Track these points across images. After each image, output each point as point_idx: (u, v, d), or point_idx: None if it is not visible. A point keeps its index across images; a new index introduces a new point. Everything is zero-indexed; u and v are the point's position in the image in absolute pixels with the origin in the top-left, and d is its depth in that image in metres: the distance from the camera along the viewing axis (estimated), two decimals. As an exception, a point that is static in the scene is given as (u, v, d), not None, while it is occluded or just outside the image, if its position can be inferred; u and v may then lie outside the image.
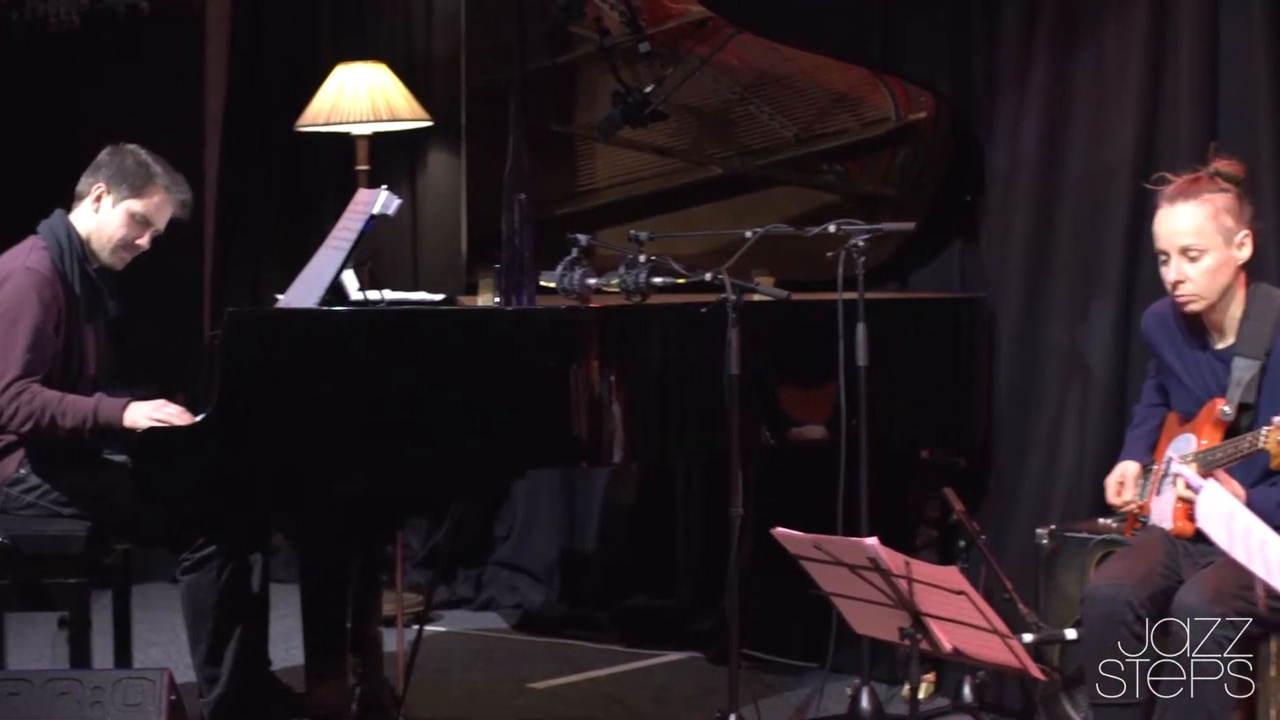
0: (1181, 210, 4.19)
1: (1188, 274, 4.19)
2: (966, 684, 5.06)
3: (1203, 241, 4.17)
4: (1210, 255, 4.17)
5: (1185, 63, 5.10)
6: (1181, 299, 4.22)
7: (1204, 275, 4.18)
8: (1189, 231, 4.17)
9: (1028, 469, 5.46)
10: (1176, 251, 4.20)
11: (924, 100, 5.54)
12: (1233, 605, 3.90)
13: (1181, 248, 4.18)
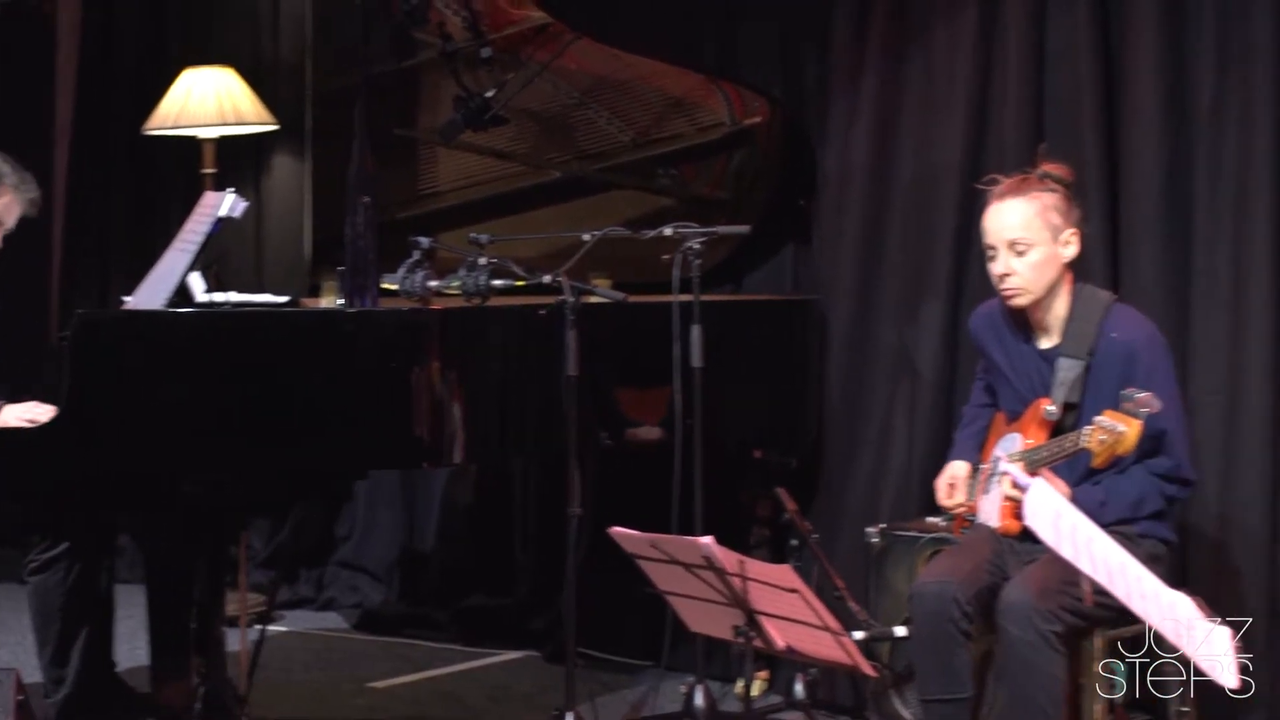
0: (1010, 206, 4.17)
1: (1014, 268, 4.16)
2: (799, 681, 5.01)
3: (1030, 236, 4.14)
4: (1037, 250, 4.15)
5: (1013, 67, 5.11)
6: (1008, 293, 4.19)
7: (1030, 269, 4.15)
8: (1017, 226, 4.15)
9: (858, 469, 5.44)
10: (1004, 246, 4.17)
11: (758, 105, 5.50)
12: (1058, 601, 3.87)
13: (1009, 241, 4.16)
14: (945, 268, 5.24)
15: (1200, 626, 2.81)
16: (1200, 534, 4.85)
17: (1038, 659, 3.85)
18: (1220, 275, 4.84)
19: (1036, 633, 3.84)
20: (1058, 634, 3.86)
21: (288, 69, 6.75)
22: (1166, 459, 4.11)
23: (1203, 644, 2.77)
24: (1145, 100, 4.91)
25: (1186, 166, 4.90)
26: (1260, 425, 4.79)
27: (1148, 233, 4.93)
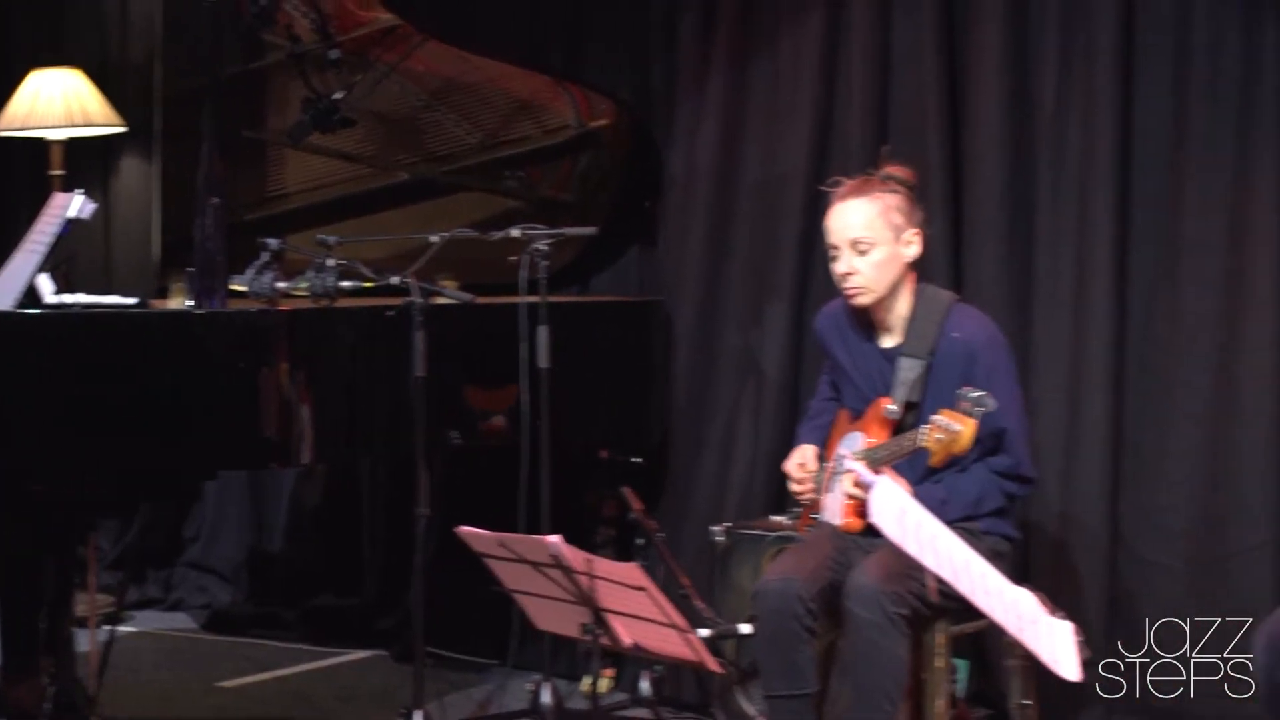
0: (853, 206, 4.13)
1: (857, 267, 4.12)
2: (645, 679, 4.93)
3: (872, 235, 4.10)
4: (879, 249, 4.11)
5: (857, 70, 5.10)
6: (850, 292, 4.15)
7: (872, 269, 4.11)
8: (859, 225, 4.11)
9: (703, 468, 5.40)
10: (847, 245, 4.13)
11: (605, 107, 5.42)
12: (904, 585, 3.85)
13: (851, 241, 4.12)
14: (790, 269, 5.22)
15: (1043, 621, 2.77)
16: (1041, 531, 4.86)
17: (884, 641, 3.82)
18: (1062, 276, 4.86)
19: (884, 614, 3.82)
20: (904, 617, 3.84)
21: (136, 70, 6.59)
22: (1007, 457, 4.09)
23: (1045, 639, 2.73)
24: (988, 102, 4.92)
25: (1029, 168, 4.91)
26: (1099, 425, 4.81)
27: (990, 233, 4.94)
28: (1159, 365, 4.79)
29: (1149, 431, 4.81)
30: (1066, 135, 4.83)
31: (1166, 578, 4.77)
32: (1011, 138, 4.91)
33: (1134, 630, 4.80)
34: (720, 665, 3.85)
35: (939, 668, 3.99)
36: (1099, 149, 4.77)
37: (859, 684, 3.88)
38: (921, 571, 3.82)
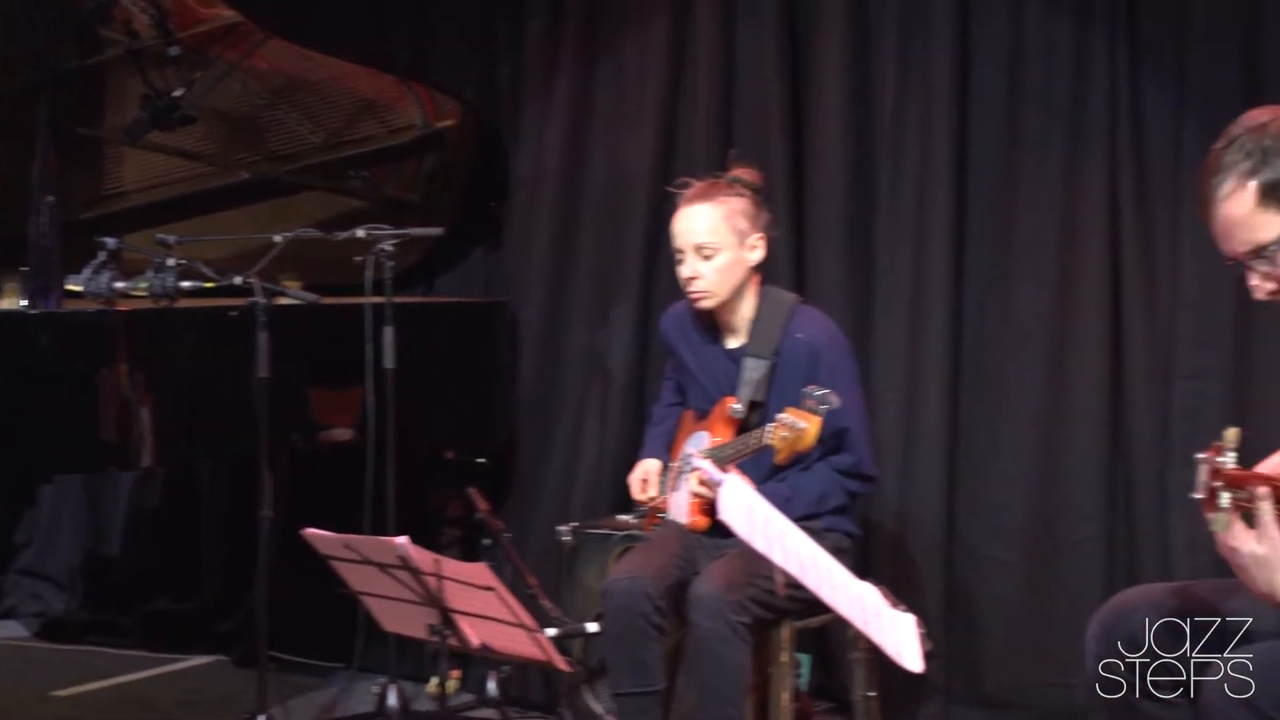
0: (698, 210, 4.18)
1: (701, 271, 4.17)
2: (492, 679, 4.95)
3: (716, 241, 4.16)
4: (723, 254, 4.17)
5: (703, 73, 5.18)
6: (694, 295, 4.21)
7: (716, 273, 4.17)
8: (703, 230, 4.16)
9: (550, 468, 5.44)
10: (691, 249, 4.18)
11: (450, 107, 5.43)
12: (745, 593, 3.90)
13: (696, 245, 4.17)
14: (636, 270, 5.28)
15: (886, 615, 2.85)
16: (881, 528, 4.96)
17: (726, 650, 3.86)
18: (900, 276, 4.97)
19: (725, 624, 3.85)
20: (745, 625, 3.88)
21: (-34, 66, 6.48)
22: (848, 456, 4.17)
23: (889, 632, 2.81)
24: (830, 107, 5.02)
25: (869, 170, 5.02)
26: (937, 425, 4.93)
27: (831, 236, 5.04)
28: (994, 364, 4.93)
29: (984, 430, 4.94)
30: (905, 138, 4.94)
31: (1001, 572, 4.90)
32: (852, 141, 5.01)
33: (973, 624, 4.94)
34: (568, 664, 3.88)
35: (783, 663, 4.06)
36: (936, 151, 4.89)
37: (703, 689, 3.92)
38: (764, 577, 3.91)
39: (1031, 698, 4.85)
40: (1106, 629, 3.07)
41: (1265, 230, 2.87)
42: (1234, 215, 2.89)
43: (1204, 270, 4.64)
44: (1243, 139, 2.87)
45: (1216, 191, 2.90)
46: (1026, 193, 4.86)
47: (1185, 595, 3.07)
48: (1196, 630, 3.00)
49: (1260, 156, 2.84)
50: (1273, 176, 2.84)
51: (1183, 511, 4.66)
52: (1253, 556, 2.79)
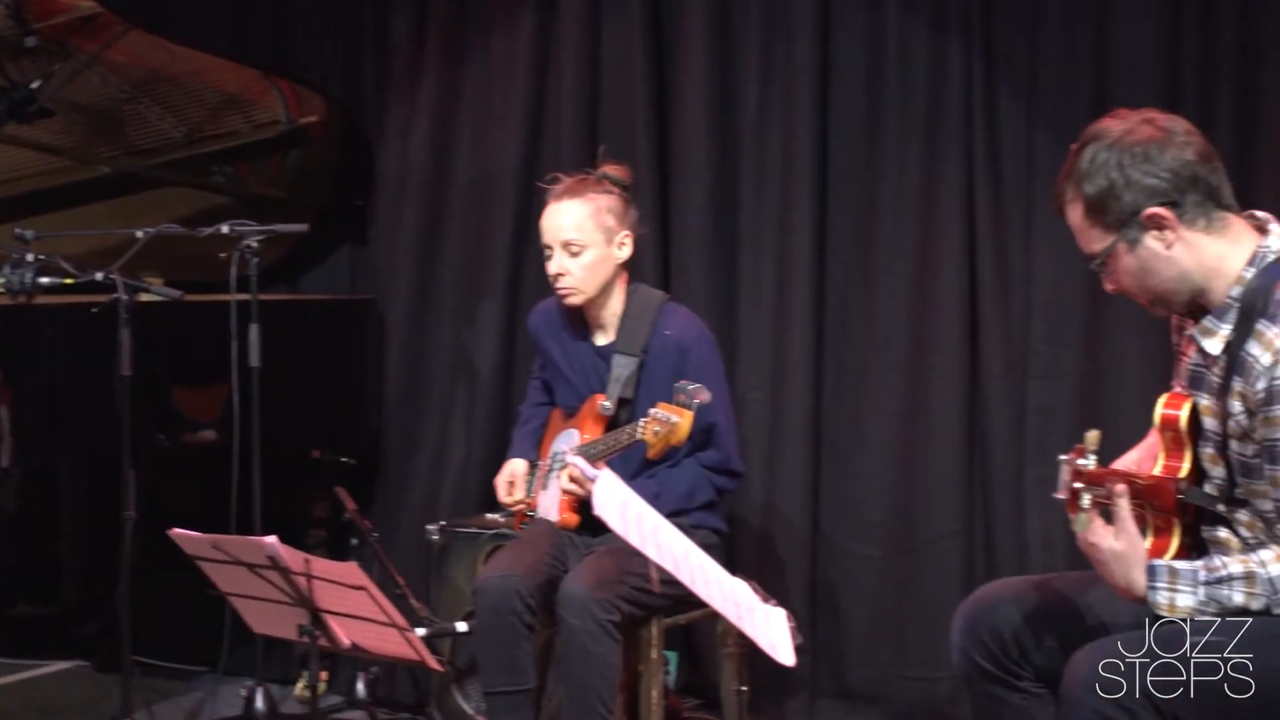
0: (566, 207, 4.22)
1: (569, 268, 4.22)
2: (360, 680, 4.97)
3: (584, 238, 4.20)
4: (591, 251, 4.21)
5: (569, 72, 5.22)
6: (562, 291, 4.25)
7: (583, 270, 4.22)
8: (571, 227, 4.21)
9: (417, 467, 5.45)
10: (559, 245, 4.22)
11: (315, 103, 5.43)
12: (615, 591, 3.94)
13: (564, 242, 4.21)
14: (502, 268, 5.31)
15: (759, 609, 2.92)
16: (746, 525, 5.04)
17: (596, 648, 3.91)
18: (764, 278, 5.05)
19: (595, 622, 3.90)
20: (615, 623, 3.93)
21: None
22: (715, 452, 4.24)
23: (762, 626, 2.88)
24: (694, 109, 5.08)
25: (733, 172, 5.09)
26: (800, 422, 5.01)
27: (696, 236, 5.11)
28: (855, 363, 5.03)
29: (846, 427, 5.04)
30: (767, 141, 5.02)
31: (864, 567, 5.00)
32: (716, 142, 5.08)
33: (837, 619, 5.03)
34: (439, 664, 3.90)
35: (653, 660, 4.12)
36: (798, 154, 4.98)
37: (573, 687, 3.96)
38: (633, 574, 3.97)
39: (895, 691, 4.96)
40: (971, 622, 3.16)
41: (1094, 243, 2.98)
42: (1074, 221, 3.01)
43: (1057, 271, 4.77)
44: (1089, 148, 2.97)
45: (1062, 196, 3.02)
46: (885, 196, 4.96)
47: (1046, 589, 3.17)
48: (1058, 622, 3.10)
49: (1087, 169, 2.94)
50: (1096, 194, 2.94)
51: (1038, 508, 4.79)
52: (1111, 552, 2.89)
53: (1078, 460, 2.83)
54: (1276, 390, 2.82)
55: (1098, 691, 2.81)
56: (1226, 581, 2.86)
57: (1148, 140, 2.93)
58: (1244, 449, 2.92)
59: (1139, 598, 2.90)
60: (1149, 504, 3.00)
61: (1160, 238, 2.93)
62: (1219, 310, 2.96)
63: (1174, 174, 2.92)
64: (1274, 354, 2.82)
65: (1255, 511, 2.96)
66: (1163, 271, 2.96)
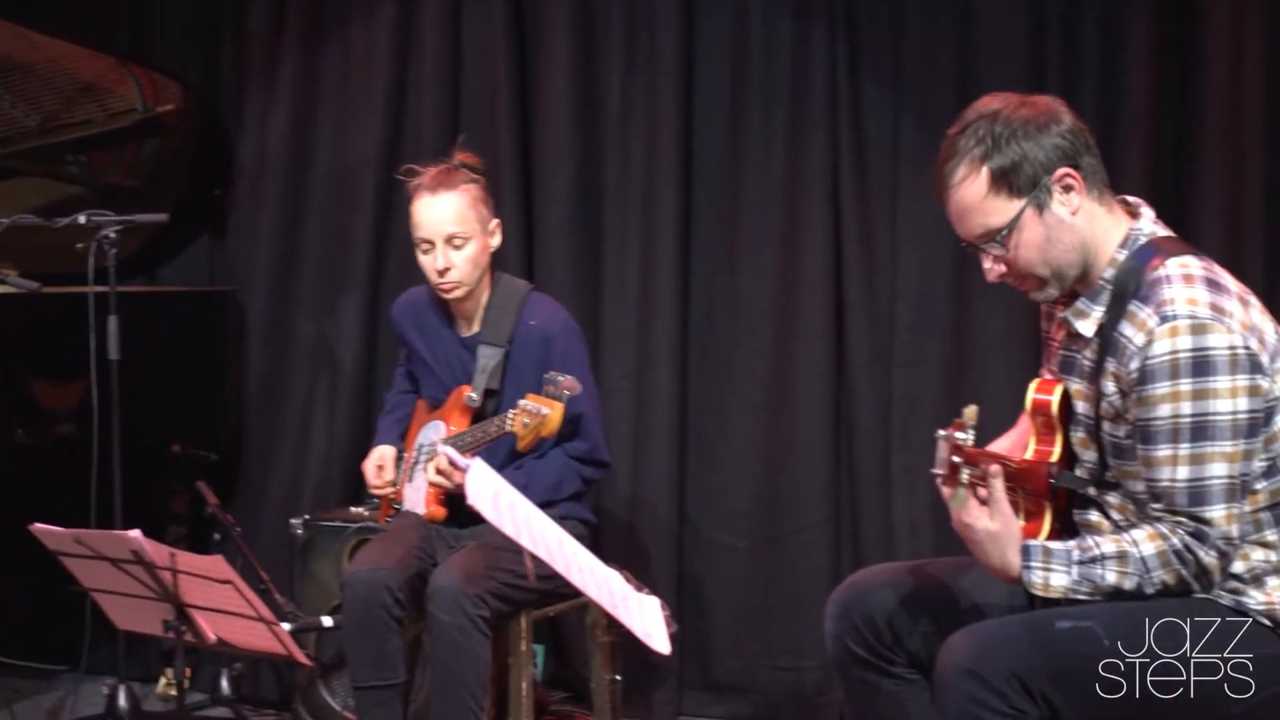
0: (444, 199, 4.17)
1: (453, 261, 4.16)
2: (224, 677, 4.91)
3: (466, 229, 4.16)
4: (473, 243, 4.18)
5: (430, 62, 5.18)
6: (446, 286, 4.20)
7: (467, 263, 4.18)
8: (452, 220, 4.16)
9: (279, 460, 5.38)
10: (442, 240, 4.16)
11: (172, 91, 5.32)
12: (484, 585, 3.93)
13: (447, 236, 4.16)
14: (364, 259, 5.26)
15: (633, 598, 2.91)
16: (613, 516, 5.04)
17: (466, 642, 3.88)
18: (629, 269, 5.05)
19: (465, 616, 3.88)
20: (484, 618, 3.91)
21: None
22: (582, 442, 4.23)
23: (637, 615, 2.87)
24: (558, 99, 5.07)
25: (597, 162, 5.08)
26: (666, 413, 5.02)
27: (560, 227, 5.10)
28: (720, 354, 5.05)
29: (712, 417, 5.06)
30: (631, 131, 5.02)
31: (731, 557, 5.02)
32: (580, 133, 5.07)
33: (704, 610, 5.04)
34: (306, 658, 3.86)
35: (522, 653, 4.10)
36: (662, 144, 4.98)
37: (442, 681, 3.93)
38: (502, 570, 3.96)
39: (762, 681, 4.98)
40: (844, 608, 3.17)
41: (997, 215, 2.98)
42: (967, 200, 2.99)
43: (922, 259, 4.82)
44: (976, 125, 2.98)
45: (951, 177, 3.00)
46: (750, 185, 4.98)
47: (920, 574, 3.20)
48: (932, 607, 3.12)
49: (991, 143, 2.95)
50: (1003, 163, 2.95)
51: (905, 496, 4.84)
52: (986, 532, 2.91)
53: (956, 435, 2.84)
54: (1149, 370, 2.86)
55: (971, 674, 2.83)
56: (1100, 561, 2.90)
57: (1038, 114, 2.97)
58: (1116, 430, 2.96)
59: (1014, 578, 2.93)
60: (1021, 488, 3.03)
61: (1067, 201, 2.96)
62: (1092, 292, 3.01)
63: (1075, 136, 2.96)
64: (1147, 334, 2.86)
65: (1126, 493, 3.00)
66: (1066, 239, 2.98)
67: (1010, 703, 2.83)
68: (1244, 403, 2.85)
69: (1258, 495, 2.93)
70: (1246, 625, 2.91)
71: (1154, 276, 2.93)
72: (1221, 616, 2.90)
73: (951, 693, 2.85)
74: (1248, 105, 4.52)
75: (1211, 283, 2.91)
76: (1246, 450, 2.87)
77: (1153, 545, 2.89)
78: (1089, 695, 2.86)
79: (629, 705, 5.01)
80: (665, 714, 5.03)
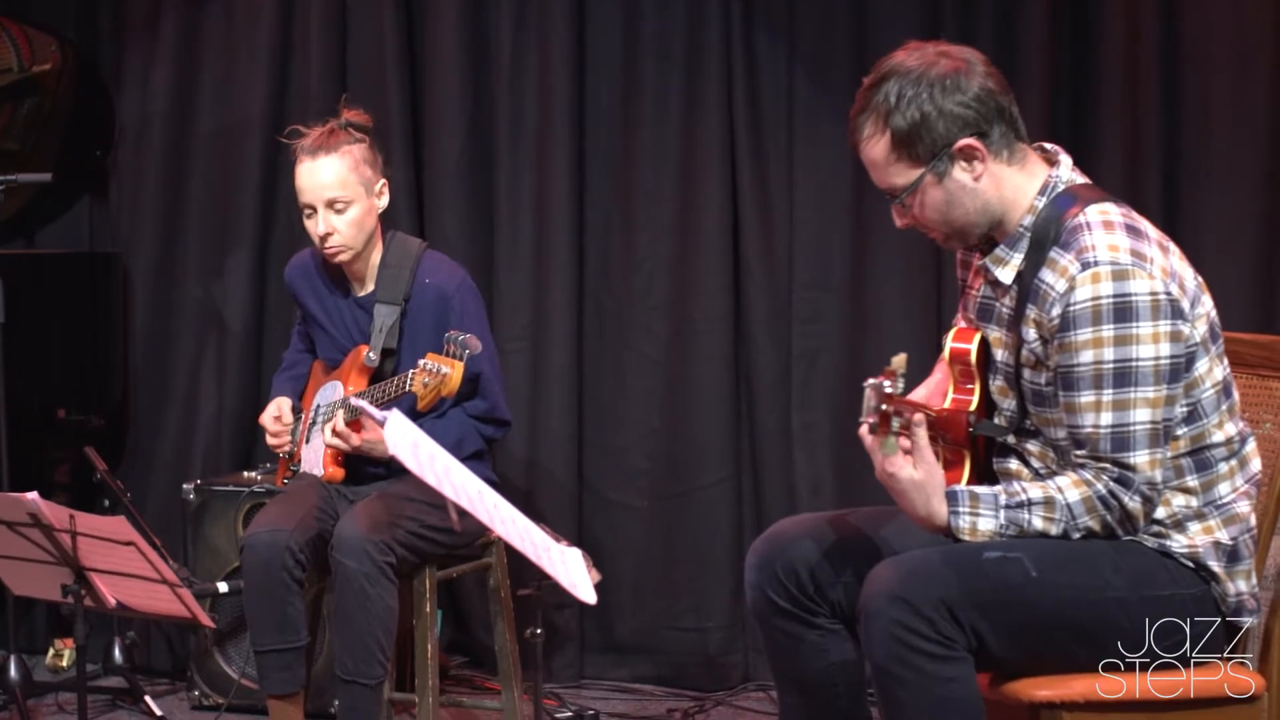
0: (324, 164, 4.09)
1: (335, 226, 4.10)
2: (117, 646, 4.81)
3: (348, 193, 4.09)
4: (356, 206, 4.10)
5: (315, 15, 5.10)
6: (331, 250, 4.13)
7: (351, 226, 4.11)
8: (333, 184, 4.08)
9: (167, 424, 5.29)
10: (323, 205, 4.09)
11: (50, 50, 5.19)
12: (390, 533, 3.90)
13: (328, 200, 4.09)
14: (251, 218, 5.17)
15: (555, 549, 2.88)
16: (512, 476, 4.99)
17: (374, 590, 3.85)
18: (523, 227, 5.00)
19: (372, 563, 3.84)
20: (390, 564, 3.88)
21: None
22: (482, 401, 4.19)
23: (560, 565, 2.83)
24: (446, 54, 5.01)
25: (488, 119, 5.02)
26: (564, 372, 4.99)
27: (451, 185, 5.05)
28: (618, 311, 5.01)
29: (610, 377, 5.03)
30: (523, 87, 4.96)
31: (630, 517, 5.00)
32: (469, 90, 5.02)
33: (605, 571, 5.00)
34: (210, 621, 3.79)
35: (426, 614, 4.05)
36: (555, 102, 4.93)
37: (349, 632, 3.88)
38: (408, 518, 3.93)
39: (666, 642, 4.97)
40: (765, 559, 3.14)
41: (899, 177, 2.97)
42: (872, 156, 2.98)
43: (819, 215, 4.81)
44: (888, 83, 2.95)
45: (860, 131, 2.98)
46: (646, 142, 4.95)
47: (841, 524, 3.18)
48: (854, 557, 3.11)
49: (894, 104, 2.92)
50: (903, 126, 2.92)
51: (806, 452, 4.85)
52: (911, 481, 2.90)
53: (885, 383, 2.83)
54: (1070, 316, 2.86)
55: (898, 600, 2.82)
56: (1026, 506, 2.91)
57: (952, 71, 2.94)
58: (1036, 378, 2.97)
59: (939, 526, 2.92)
60: (941, 436, 3.02)
61: (969, 169, 2.95)
62: (1010, 239, 3.00)
63: (981, 104, 2.94)
64: (1068, 281, 2.87)
65: (1046, 441, 3.01)
66: (967, 204, 2.98)
67: (938, 629, 2.82)
68: (1166, 348, 2.86)
69: (1179, 441, 2.95)
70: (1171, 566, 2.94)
71: (1074, 223, 2.93)
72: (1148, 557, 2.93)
73: (878, 619, 2.84)
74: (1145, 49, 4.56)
75: (1131, 229, 2.92)
76: (1169, 396, 2.88)
77: (1077, 491, 2.90)
78: (1016, 625, 2.87)
79: (529, 670, 4.97)
80: (566, 677, 5.00)
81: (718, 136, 4.87)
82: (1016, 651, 2.91)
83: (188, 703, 4.77)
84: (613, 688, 4.98)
